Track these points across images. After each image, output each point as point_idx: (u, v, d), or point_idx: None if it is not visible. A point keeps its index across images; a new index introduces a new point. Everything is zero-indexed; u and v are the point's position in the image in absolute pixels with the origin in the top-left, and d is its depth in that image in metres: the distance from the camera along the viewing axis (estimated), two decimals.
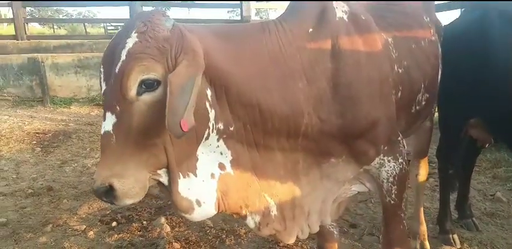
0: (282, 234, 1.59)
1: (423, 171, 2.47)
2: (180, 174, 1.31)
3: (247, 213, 1.49)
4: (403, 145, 1.72)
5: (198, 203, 1.36)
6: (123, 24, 1.29)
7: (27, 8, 11.34)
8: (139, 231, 2.81)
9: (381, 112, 1.57)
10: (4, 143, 4.97)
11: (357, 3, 1.74)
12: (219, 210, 1.42)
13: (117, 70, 1.17)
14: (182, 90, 1.13)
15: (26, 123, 5.96)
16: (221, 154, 1.41)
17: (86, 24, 22.28)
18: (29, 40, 8.33)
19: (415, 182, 2.50)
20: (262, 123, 1.41)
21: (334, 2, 1.57)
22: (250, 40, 1.43)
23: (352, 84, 1.49)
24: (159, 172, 1.28)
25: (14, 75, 7.37)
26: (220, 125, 1.35)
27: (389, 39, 1.72)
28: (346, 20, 1.56)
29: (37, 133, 5.44)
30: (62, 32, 30.54)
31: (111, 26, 19.61)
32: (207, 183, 1.38)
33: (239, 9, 8.83)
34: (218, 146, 1.39)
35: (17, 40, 8.24)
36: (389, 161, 1.66)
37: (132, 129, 1.17)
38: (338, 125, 1.50)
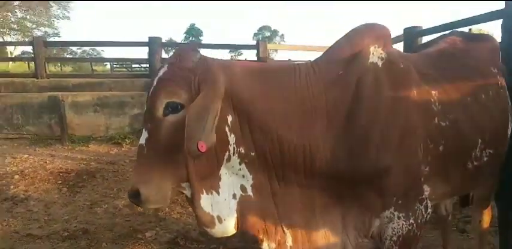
0: None
1: (487, 217, 2.38)
2: (204, 190, 1.46)
3: (264, 239, 1.57)
4: (425, 207, 1.65)
5: (220, 219, 1.49)
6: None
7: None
8: None
9: (395, 162, 1.54)
10: (29, 183, 4.90)
11: (416, 55, 1.85)
12: (238, 229, 1.54)
13: (150, 93, 1.42)
14: (198, 117, 1.31)
15: (48, 161, 5.90)
16: (243, 176, 1.53)
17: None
18: (48, 78, 8.45)
19: (478, 230, 2.41)
20: (281, 154, 1.51)
21: (372, 47, 1.63)
22: (278, 76, 1.56)
23: (367, 127, 1.53)
24: (183, 184, 1.46)
25: (34, 113, 7.40)
26: (242, 150, 1.48)
27: (434, 92, 1.72)
28: (380, 65, 1.62)
29: (60, 172, 5.38)
30: (68, 69, 31.23)
31: (117, 64, 20.10)
32: (229, 202, 1.51)
33: (240, 51, 9.07)
34: (240, 169, 1.51)
35: (37, 78, 8.36)
36: (399, 218, 1.59)
37: (159, 144, 1.39)
38: (348, 166, 1.54)
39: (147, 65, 10.67)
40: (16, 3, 25.79)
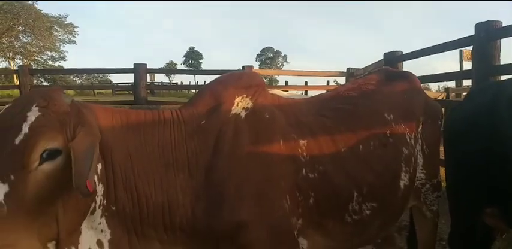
0: None
1: None
2: (66, 248, 1.31)
3: None
4: None
5: None
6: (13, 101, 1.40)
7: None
8: None
9: (254, 217, 1.47)
10: None
11: (305, 100, 1.79)
12: None
13: (17, 142, 1.19)
14: (85, 154, 1.21)
15: None
16: (101, 231, 1.41)
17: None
18: None
19: None
20: (140, 208, 1.42)
21: (238, 98, 1.61)
22: (142, 126, 1.48)
23: (223, 181, 1.47)
24: (48, 245, 1.27)
25: None
26: (105, 202, 1.38)
27: (303, 141, 1.64)
28: (243, 116, 1.59)
29: None
30: (71, 92, 31.60)
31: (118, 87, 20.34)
32: None
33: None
34: (100, 223, 1.40)
35: None
36: None
37: (26, 198, 1.18)
38: (207, 223, 1.46)
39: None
40: (21, 27, 26.44)
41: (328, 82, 16.68)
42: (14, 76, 29.27)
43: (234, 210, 1.45)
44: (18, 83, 8.63)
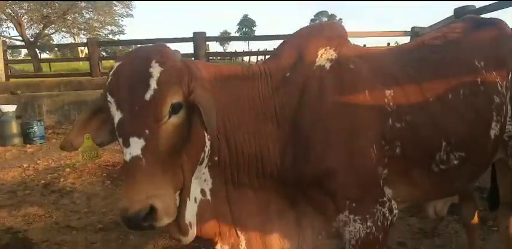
0: None
1: None
2: (187, 196, 1.41)
3: (218, 242, 1.57)
4: (389, 209, 1.59)
5: (190, 225, 1.45)
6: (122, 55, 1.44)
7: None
8: None
9: (342, 164, 1.51)
10: (78, 175, 5.23)
11: (387, 51, 1.78)
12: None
13: (147, 97, 1.25)
14: (210, 106, 1.30)
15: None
16: (204, 181, 1.52)
17: None
18: (102, 76, 8.95)
19: (505, 235, 2.20)
20: (237, 158, 1.51)
21: (322, 49, 1.63)
22: (234, 80, 1.55)
23: (310, 130, 1.52)
24: (176, 194, 1.36)
25: None
26: (209, 153, 1.46)
27: (388, 91, 1.62)
28: (328, 68, 1.60)
29: (107, 165, 5.68)
30: None
31: None
32: (193, 206, 1.48)
33: None
34: (204, 173, 1.50)
35: (92, 77, 8.87)
36: (355, 221, 1.55)
37: (160, 151, 1.25)
38: (294, 171, 1.53)
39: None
40: (83, 4, 27.54)
41: (388, 44, 15.88)
42: (79, 50, 31.08)
43: (322, 157, 1.50)
44: (84, 56, 9.14)
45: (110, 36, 34.12)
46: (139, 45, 1.75)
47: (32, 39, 26.51)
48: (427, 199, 1.95)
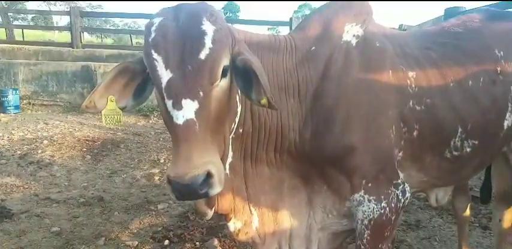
0: (259, 247, 1.63)
1: (509, 216, 2.20)
2: (226, 163, 1.35)
3: (232, 218, 1.55)
4: (402, 192, 1.59)
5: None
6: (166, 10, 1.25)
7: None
8: None
9: (362, 142, 1.49)
10: (56, 148, 5.06)
11: (409, 33, 1.76)
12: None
13: (202, 56, 1.13)
14: (262, 70, 1.21)
15: (77, 129, 6.08)
16: None
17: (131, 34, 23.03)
18: (83, 48, 8.62)
19: (498, 228, 2.25)
20: (259, 131, 1.47)
21: (348, 25, 1.60)
22: (261, 49, 1.50)
23: (332, 106, 1.49)
24: None
25: (68, 82, 7.61)
26: (237, 124, 1.38)
27: (411, 73, 1.61)
28: (354, 44, 1.58)
29: (87, 140, 5.52)
30: (109, 41, 31.89)
31: None
32: None
33: (278, 28, 8.86)
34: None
35: (72, 48, 8.53)
36: (369, 201, 1.54)
37: (212, 115, 1.16)
38: (313, 146, 1.50)
39: None
40: None
41: None
42: (54, 19, 29.76)
43: (342, 132, 1.48)
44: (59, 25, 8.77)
45: (88, 9, 32.93)
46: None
47: (6, 5, 25.21)
48: (433, 185, 1.96)
